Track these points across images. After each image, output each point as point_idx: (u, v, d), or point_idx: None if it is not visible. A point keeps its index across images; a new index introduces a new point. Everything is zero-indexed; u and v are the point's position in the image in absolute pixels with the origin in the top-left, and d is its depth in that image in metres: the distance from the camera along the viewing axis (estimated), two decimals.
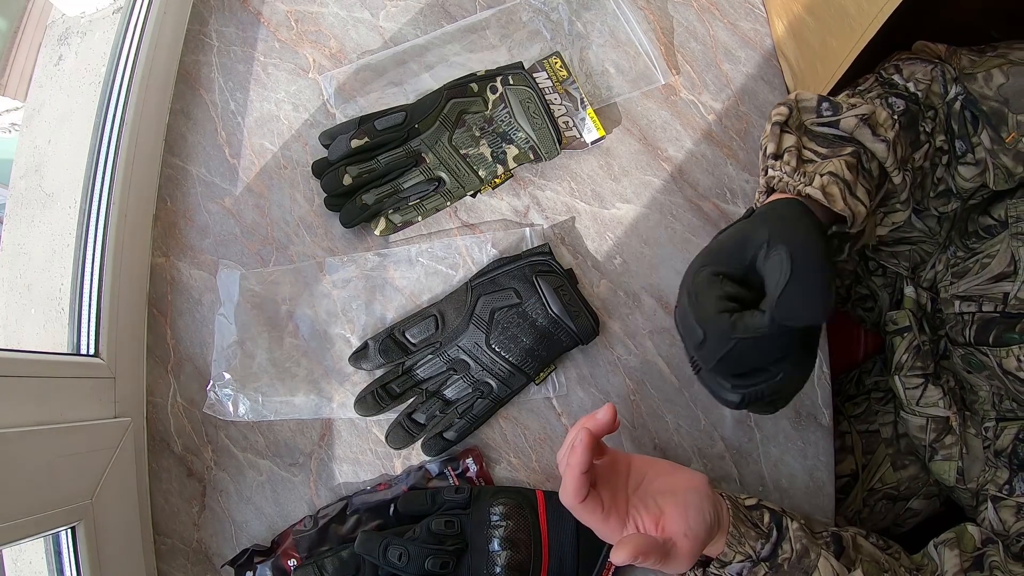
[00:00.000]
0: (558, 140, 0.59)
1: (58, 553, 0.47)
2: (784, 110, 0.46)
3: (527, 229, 0.59)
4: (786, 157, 0.43)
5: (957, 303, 0.56)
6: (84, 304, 0.53)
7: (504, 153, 0.59)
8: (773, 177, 0.43)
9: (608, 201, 0.61)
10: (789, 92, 0.65)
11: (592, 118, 0.60)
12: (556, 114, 0.60)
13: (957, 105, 0.49)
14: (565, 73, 0.61)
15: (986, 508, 0.55)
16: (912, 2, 0.44)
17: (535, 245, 0.59)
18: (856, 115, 0.45)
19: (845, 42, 0.52)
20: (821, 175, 0.41)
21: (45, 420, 0.45)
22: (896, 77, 0.51)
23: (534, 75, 0.60)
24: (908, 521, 0.68)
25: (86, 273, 0.54)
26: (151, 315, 0.58)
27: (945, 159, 0.52)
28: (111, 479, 0.49)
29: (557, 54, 0.61)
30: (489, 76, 0.60)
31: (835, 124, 0.45)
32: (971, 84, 0.49)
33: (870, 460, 0.68)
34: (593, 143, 0.61)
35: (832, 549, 0.44)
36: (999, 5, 0.59)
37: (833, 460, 0.58)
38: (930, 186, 0.53)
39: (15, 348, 0.52)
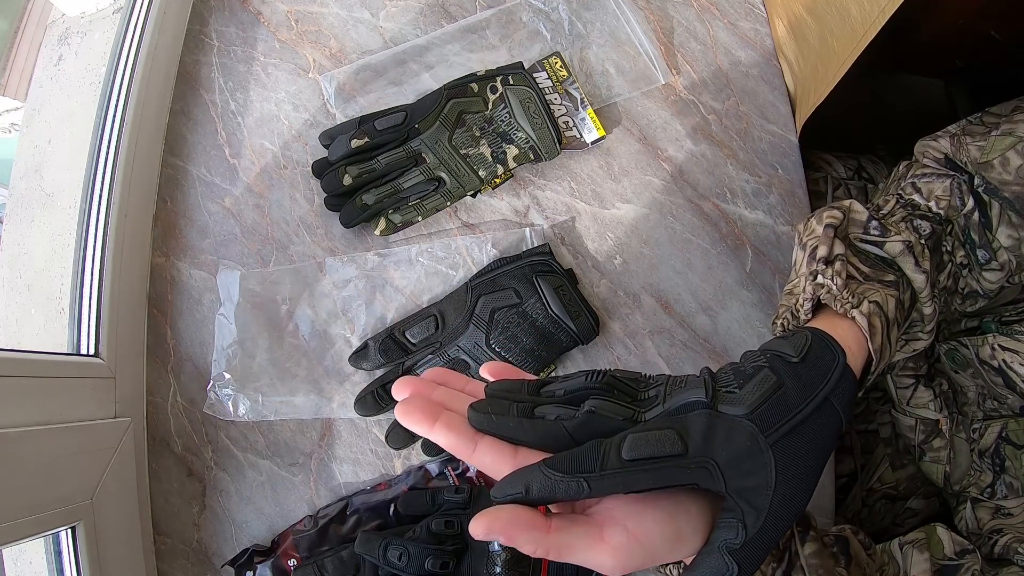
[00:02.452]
0: (558, 140, 0.59)
1: (58, 553, 0.47)
2: (839, 214, 0.44)
3: (527, 229, 0.59)
4: (837, 266, 0.41)
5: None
6: (84, 304, 0.53)
7: (504, 153, 0.59)
8: (822, 286, 0.41)
9: (608, 201, 0.61)
10: (789, 92, 0.65)
11: (592, 118, 0.60)
12: (556, 114, 0.60)
13: (975, 217, 0.48)
14: (565, 73, 0.61)
15: (965, 508, 0.55)
16: (913, 3, 0.44)
17: (535, 245, 0.59)
18: (902, 241, 0.44)
19: (846, 42, 0.52)
20: (870, 301, 0.39)
21: (45, 420, 0.45)
22: (916, 197, 0.49)
23: (534, 75, 0.60)
24: (907, 521, 0.68)
25: (86, 273, 0.53)
26: (151, 315, 0.58)
27: (966, 270, 0.50)
28: (111, 479, 0.49)
29: (557, 54, 0.61)
30: (489, 76, 0.60)
31: (880, 245, 0.44)
32: (989, 173, 0.46)
33: (869, 460, 0.68)
34: (593, 143, 0.61)
35: (842, 562, 0.42)
36: (999, 6, 0.59)
37: (833, 459, 0.58)
38: (957, 293, 0.52)
39: (15, 348, 0.52)
